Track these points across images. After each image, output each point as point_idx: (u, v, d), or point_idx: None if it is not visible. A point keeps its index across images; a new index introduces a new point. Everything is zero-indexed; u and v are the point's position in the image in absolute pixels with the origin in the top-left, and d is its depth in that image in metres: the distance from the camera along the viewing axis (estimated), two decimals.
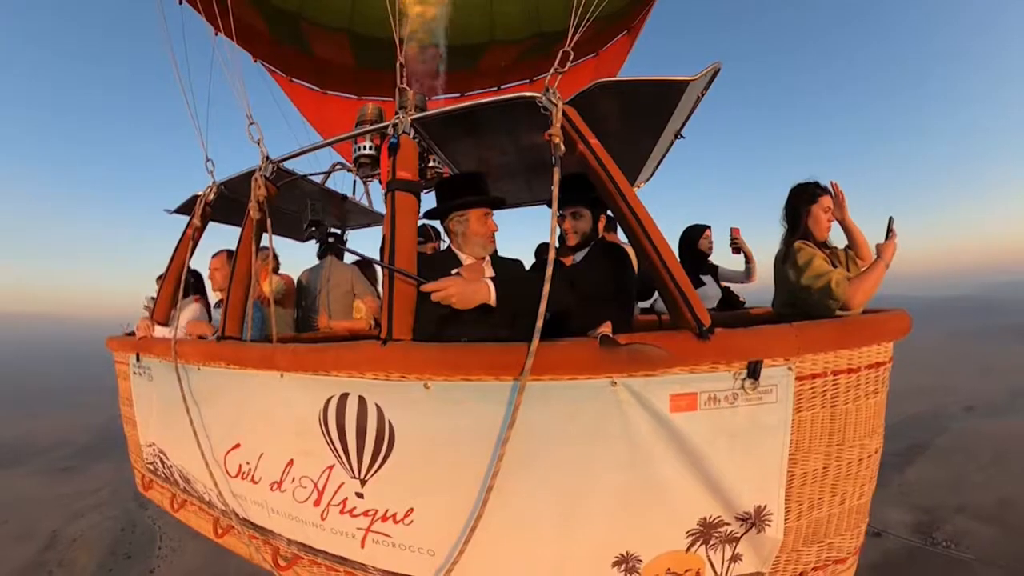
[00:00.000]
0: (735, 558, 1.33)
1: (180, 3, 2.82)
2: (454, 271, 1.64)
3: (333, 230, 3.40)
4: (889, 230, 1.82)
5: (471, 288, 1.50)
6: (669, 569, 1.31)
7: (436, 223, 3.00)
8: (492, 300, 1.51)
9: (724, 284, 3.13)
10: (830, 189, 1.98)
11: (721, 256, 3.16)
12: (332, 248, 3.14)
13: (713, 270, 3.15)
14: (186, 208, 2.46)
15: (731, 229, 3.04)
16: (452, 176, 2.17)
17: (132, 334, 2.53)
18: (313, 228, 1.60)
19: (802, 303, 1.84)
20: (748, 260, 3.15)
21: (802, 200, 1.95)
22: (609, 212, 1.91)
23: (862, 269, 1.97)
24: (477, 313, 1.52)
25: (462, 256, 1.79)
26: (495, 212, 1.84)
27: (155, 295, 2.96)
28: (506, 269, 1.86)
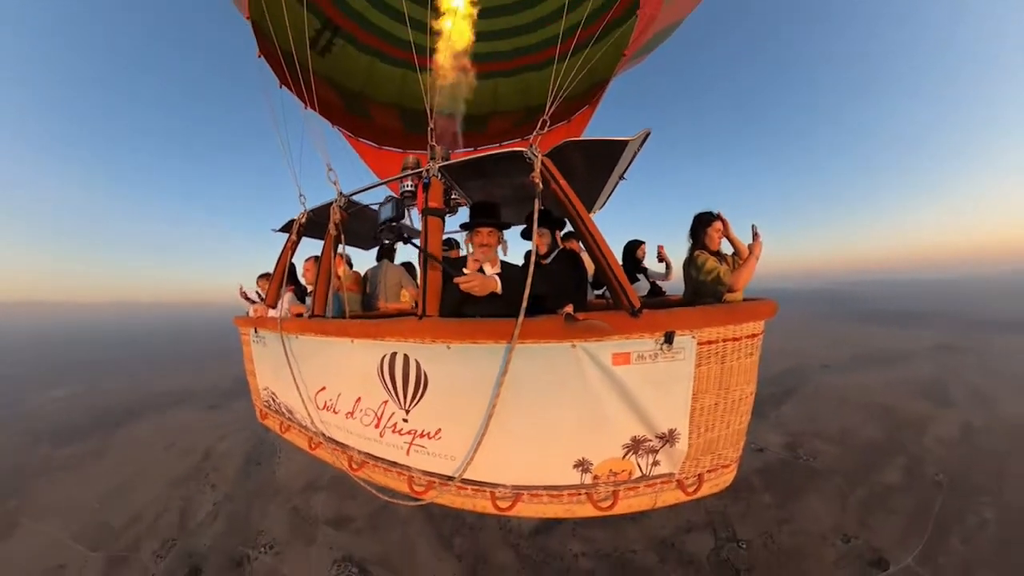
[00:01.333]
0: (655, 463, 1.36)
1: (280, 87, 2.80)
2: (464, 269, 1.65)
3: (386, 241, 3.39)
4: (754, 234, 1.81)
5: (487, 281, 1.53)
6: (611, 470, 1.34)
7: (458, 235, 3.01)
8: (499, 290, 1.54)
9: (652, 280, 3.17)
10: (720, 216, 1.99)
11: (651, 262, 3.22)
12: (388, 252, 3.15)
13: (644, 271, 3.19)
14: (286, 228, 2.47)
15: (658, 246, 3.11)
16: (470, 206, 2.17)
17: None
18: (394, 224, 1.66)
19: (701, 292, 1.85)
20: (668, 266, 3.19)
21: (701, 223, 1.96)
22: (568, 229, 1.93)
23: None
24: (487, 298, 1.54)
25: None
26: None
27: (255, 289, 3.03)
28: (508, 269, 1.88)
